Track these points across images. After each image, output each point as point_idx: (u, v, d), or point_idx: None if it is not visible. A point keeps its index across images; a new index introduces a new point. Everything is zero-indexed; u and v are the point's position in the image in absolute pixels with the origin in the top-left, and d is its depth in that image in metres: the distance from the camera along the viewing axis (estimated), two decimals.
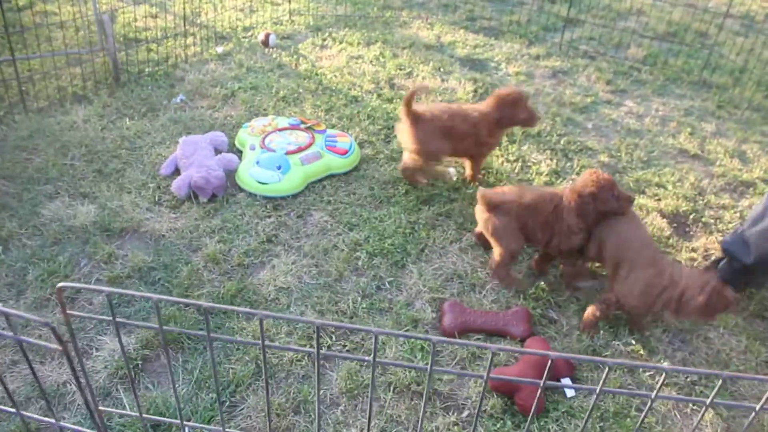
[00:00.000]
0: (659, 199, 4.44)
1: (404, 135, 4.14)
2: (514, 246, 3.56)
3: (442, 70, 5.94)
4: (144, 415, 1.70)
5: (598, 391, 1.50)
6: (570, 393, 3.09)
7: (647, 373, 3.19)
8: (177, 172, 4.29)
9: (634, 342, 3.35)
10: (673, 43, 7.02)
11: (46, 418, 1.90)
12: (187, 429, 2.82)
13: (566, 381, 3.14)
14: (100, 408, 1.69)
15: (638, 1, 8.04)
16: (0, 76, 4.89)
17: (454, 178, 4.45)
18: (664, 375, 1.36)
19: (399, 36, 6.56)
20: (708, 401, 1.37)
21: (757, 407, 1.40)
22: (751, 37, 7.26)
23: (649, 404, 1.45)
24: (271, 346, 1.47)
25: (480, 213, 3.62)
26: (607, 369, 1.51)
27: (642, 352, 3.33)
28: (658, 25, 7.46)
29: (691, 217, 4.32)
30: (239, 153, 4.53)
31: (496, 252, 3.60)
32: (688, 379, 3.20)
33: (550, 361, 1.46)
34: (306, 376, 3.07)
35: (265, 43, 6.15)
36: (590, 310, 3.36)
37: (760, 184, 4.76)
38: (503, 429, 2.87)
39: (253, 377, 3.03)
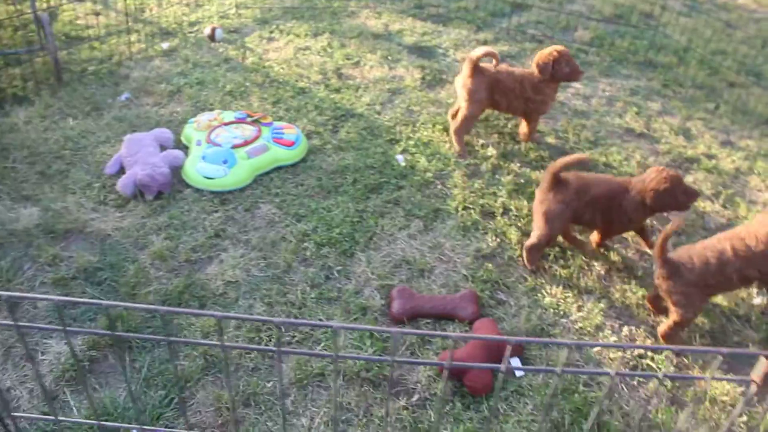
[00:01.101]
0: None
1: (459, 84, 4.65)
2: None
3: (389, 58, 5.93)
4: (59, 418, 1.68)
5: (503, 368, 1.53)
6: (519, 372, 3.12)
7: (595, 349, 3.25)
8: (122, 170, 4.22)
9: (582, 319, 3.41)
10: (619, 24, 7.11)
11: None
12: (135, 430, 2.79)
13: (515, 361, 3.18)
14: (13, 414, 1.67)
15: None
16: None
17: (402, 164, 4.46)
18: (567, 350, 1.38)
19: (347, 26, 6.54)
20: (612, 372, 1.39)
21: (661, 375, 1.43)
22: (695, 17, 7.37)
23: (554, 382, 1.47)
24: (178, 341, 1.46)
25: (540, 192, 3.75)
26: (509, 346, 1.53)
27: (589, 328, 3.38)
28: (605, 7, 7.54)
29: None
30: (185, 149, 4.48)
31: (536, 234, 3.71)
32: (636, 353, 3.25)
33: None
34: (255, 368, 3.06)
35: (212, 37, 6.08)
36: None
37: (704, 160, 4.85)
38: (452, 411, 2.90)
39: (202, 372, 3.01)
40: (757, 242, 3.18)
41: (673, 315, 3.26)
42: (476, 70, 4.55)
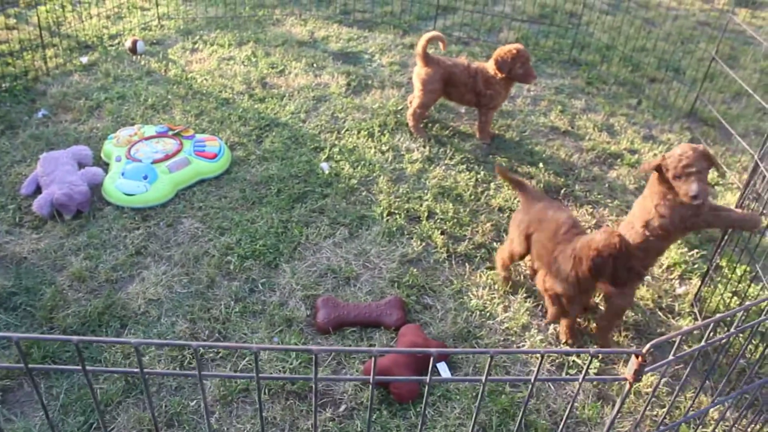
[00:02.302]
0: (531, 177, 4.54)
1: (415, 75, 4.88)
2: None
3: (315, 65, 5.89)
4: None
5: (428, 380, 1.51)
6: (445, 373, 3.13)
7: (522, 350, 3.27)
8: (39, 190, 4.09)
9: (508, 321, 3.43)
10: (543, 24, 7.21)
11: None
12: None
13: (442, 365, 3.18)
14: None
15: None
16: None
17: (327, 172, 4.43)
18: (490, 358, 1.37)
19: (272, 34, 6.47)
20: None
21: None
22: (618, 15, 7.53)
23: (482, 389, 1.46)
24: (95, 371, 1.40)
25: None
26: (432, 358, 1.53)
27: (516, 328, 3.41)
28: (531, 8, 7.64)
29: (563, 191, 4.44)
30: (106, 166, 4.37)
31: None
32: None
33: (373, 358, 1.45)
34: (179, 387, 2.99)
35: (133, 50, 5.95)
36: None
37: (627, 155, 4.95)
38: (380, 419, 2.88)
39: (123, 395, 2.93)
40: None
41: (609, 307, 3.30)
42: (430, 60, 4.78)
